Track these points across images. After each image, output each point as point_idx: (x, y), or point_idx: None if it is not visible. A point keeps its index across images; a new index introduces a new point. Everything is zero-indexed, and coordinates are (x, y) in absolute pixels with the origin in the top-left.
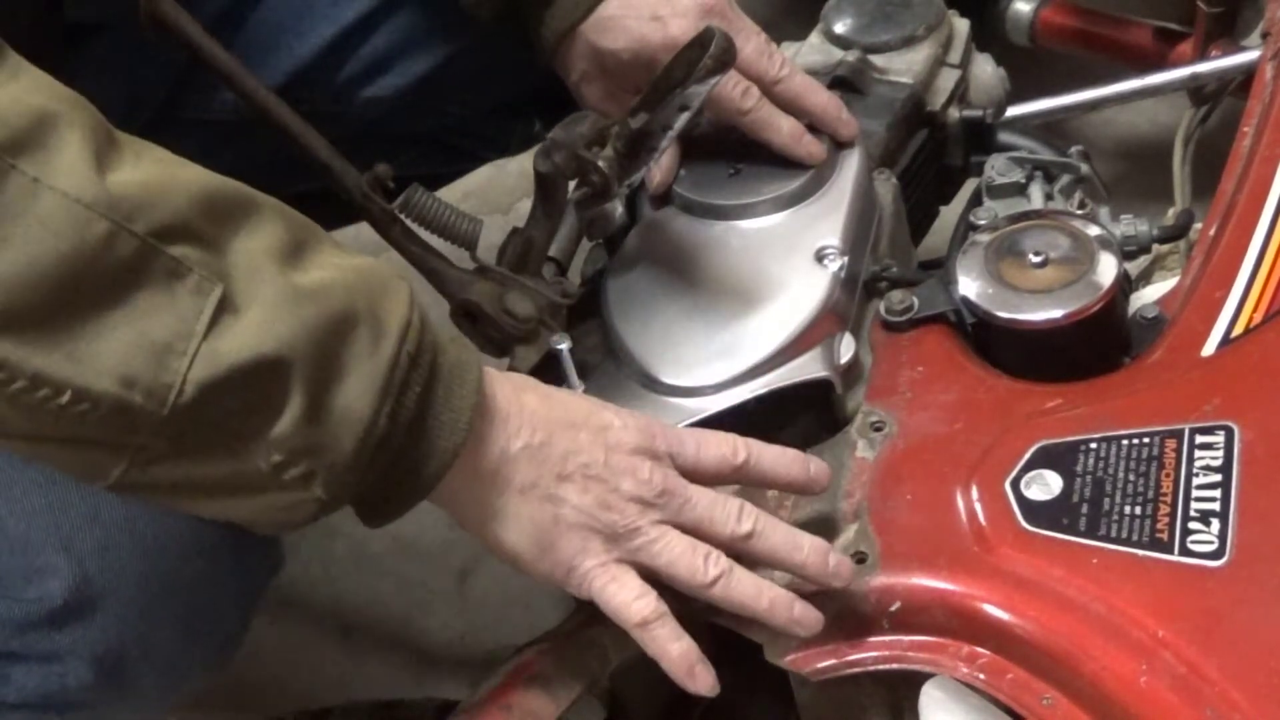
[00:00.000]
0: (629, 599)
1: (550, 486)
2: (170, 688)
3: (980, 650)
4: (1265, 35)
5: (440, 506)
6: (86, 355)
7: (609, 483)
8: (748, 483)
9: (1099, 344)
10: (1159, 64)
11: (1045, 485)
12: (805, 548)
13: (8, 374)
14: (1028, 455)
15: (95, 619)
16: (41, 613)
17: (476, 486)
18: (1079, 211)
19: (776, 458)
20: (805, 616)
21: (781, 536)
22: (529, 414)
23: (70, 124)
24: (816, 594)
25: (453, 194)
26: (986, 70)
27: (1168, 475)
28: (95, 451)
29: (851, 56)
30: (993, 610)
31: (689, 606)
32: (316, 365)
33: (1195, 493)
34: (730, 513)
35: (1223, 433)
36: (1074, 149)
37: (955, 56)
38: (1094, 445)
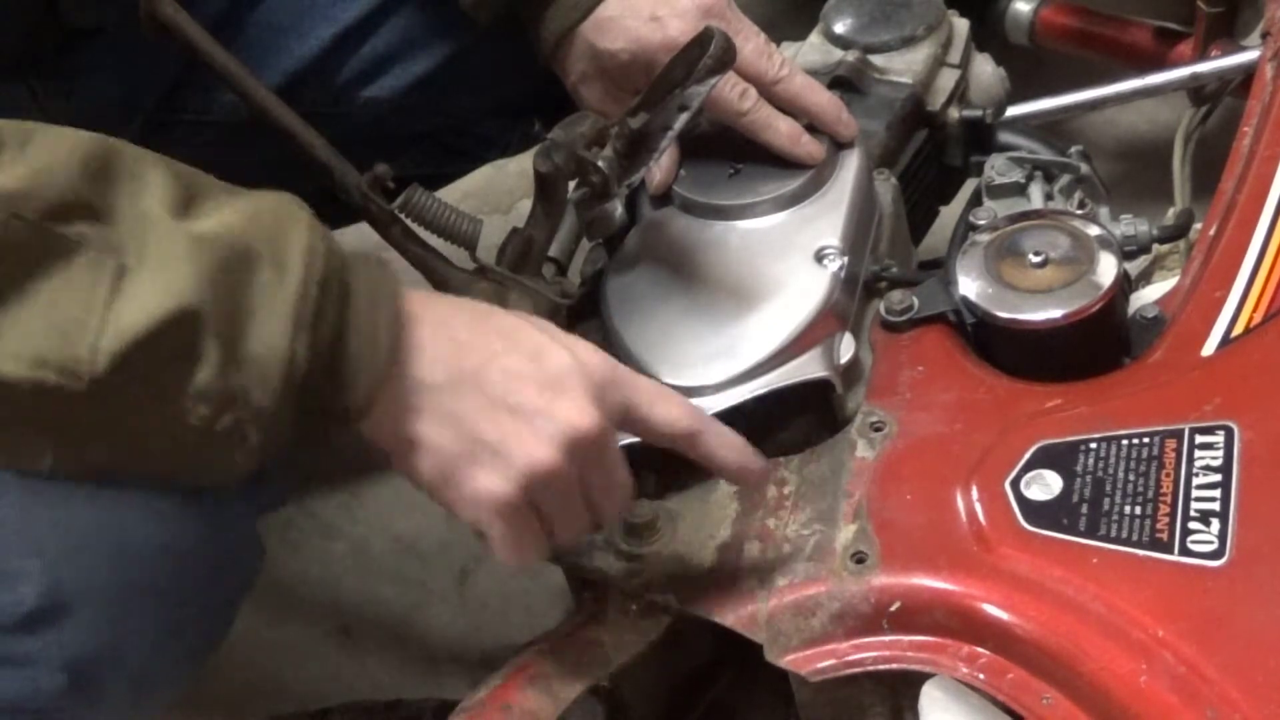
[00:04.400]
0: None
1: (473, 421)
2: (145, 694)
3: (980, 650)
4: (1265, 35)
5: (374, 441)
6: None
7: (535, 425)
8: (687, 454)
9: (1099, 344)
10: (1159, 64)
11: (1045, 485)
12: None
13: None
14: (1028, 455)
15: (67, 624)
16: (12, 618)
17: (399, 415)
18: (1079, 211)
19: (722, 437)
20: None
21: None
22: (459, 339)
23: None
24: (818, 593)
25: (453, 194)
26: (986, 70)
27: (1168, 475)
28: (24, 434)
29: (851, 56)
30: (993, 610)
31: (688, 608)
32: (223, 311)
33: (1195, 493)
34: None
35: (1223, 433)
36: (1074, 149)
37: (955, 56)
38: (1094, 445)
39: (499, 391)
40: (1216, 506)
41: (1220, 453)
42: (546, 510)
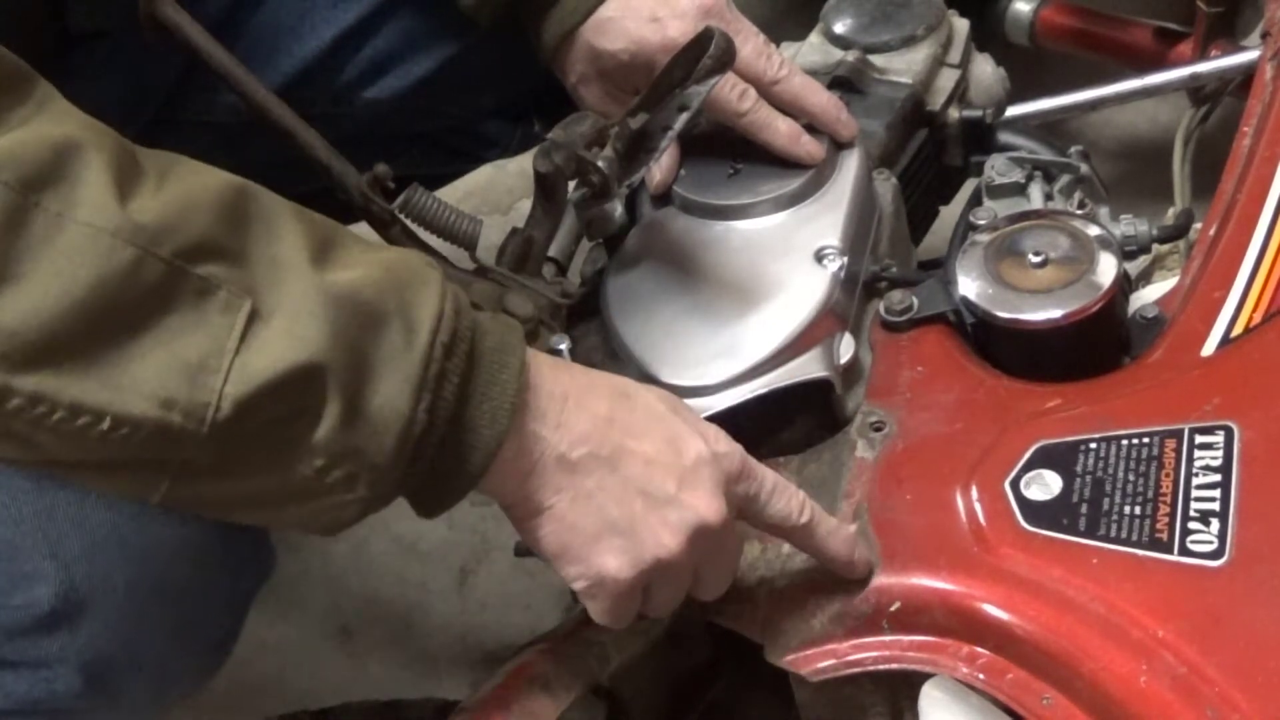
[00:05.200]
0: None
1: (607, 503)
2: (160, 693)
3: (980, 650)
4: (1265, 35)
5: (492, 498)
6: (122, 381)
7: (667, 515)
8: (795, 544)
9: (1099, 344)
10: (1159, 64)
11: (1045, 485)
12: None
13: (48, 406)
14: (1027, 455)
15: (83, 626)
16: (29, 619)
17: (527, 482)
18: (1079, 211)
19: (833, 532)
20: None
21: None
22: (599, 415)
23: (92, 152)
24: (815, 595)
25: (453, 194)
26: (986, 70)
27: (1167, 475)
28: (141, 472)
29: (851, 56)
30: (992, 610)
31: (688, 608)
32: (349, 367)
33: (1195, 493)
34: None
35: (1222, 433)
36: (1074, 149)
37: (955, 56)
38: (1094, 445)
39: (636, 477)
40: (1216, 506)
41: (1220, 453)
42: (655, 589)
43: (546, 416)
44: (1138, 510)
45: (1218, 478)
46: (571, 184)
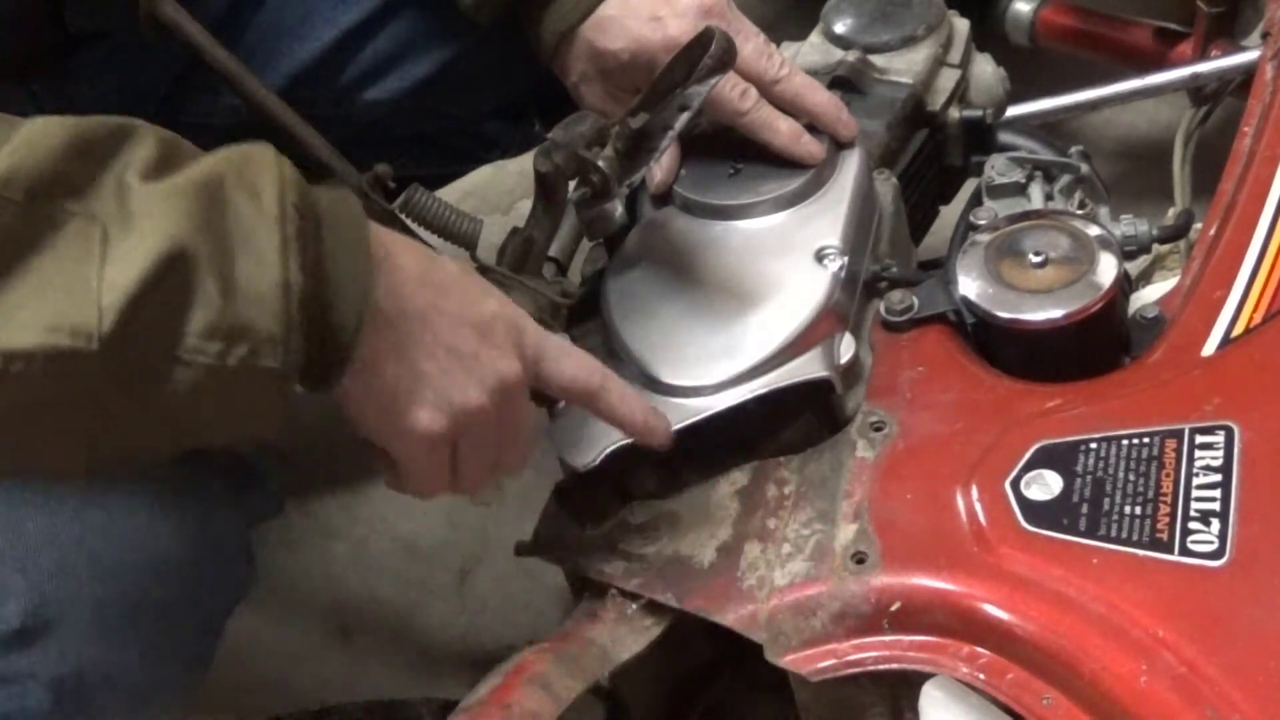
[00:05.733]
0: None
1: (420, 358)
2: (134, 710)
3: (980, 650)
4: (1265, 35)
5: (361, 376)
6: (4, 321)
7: (471, 369)
8: (591, 409)
9: (1099, 344)
10: (1159, 64)
11: (1045, 485)
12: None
13: None
14: (1028, 455)
15: (52, 642)
16: None
17: (380, 331)
18: (1079, 211)
19: (626, 396)
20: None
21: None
22: (410, 273)
23: None
24: (818, 593)
25: (453, 194)
26: (986, 70)
27: (1168, 475)
28: (60, 418)
29: (851, 56)
30: (993, 610)
31: (688, 608)
32: (210, 244)
33: (1195, 493)
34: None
35: (1223, 433)
36: (1074, 149)
37: (955, 56)
38: (1094, 445)
39: (444, 334)
40: (1216, 506)
41: (1220, 453)
42: (462, 451)
43: (378, 270)
44: (1138, 510)
45: (1218, 478)
46: (571, 184)
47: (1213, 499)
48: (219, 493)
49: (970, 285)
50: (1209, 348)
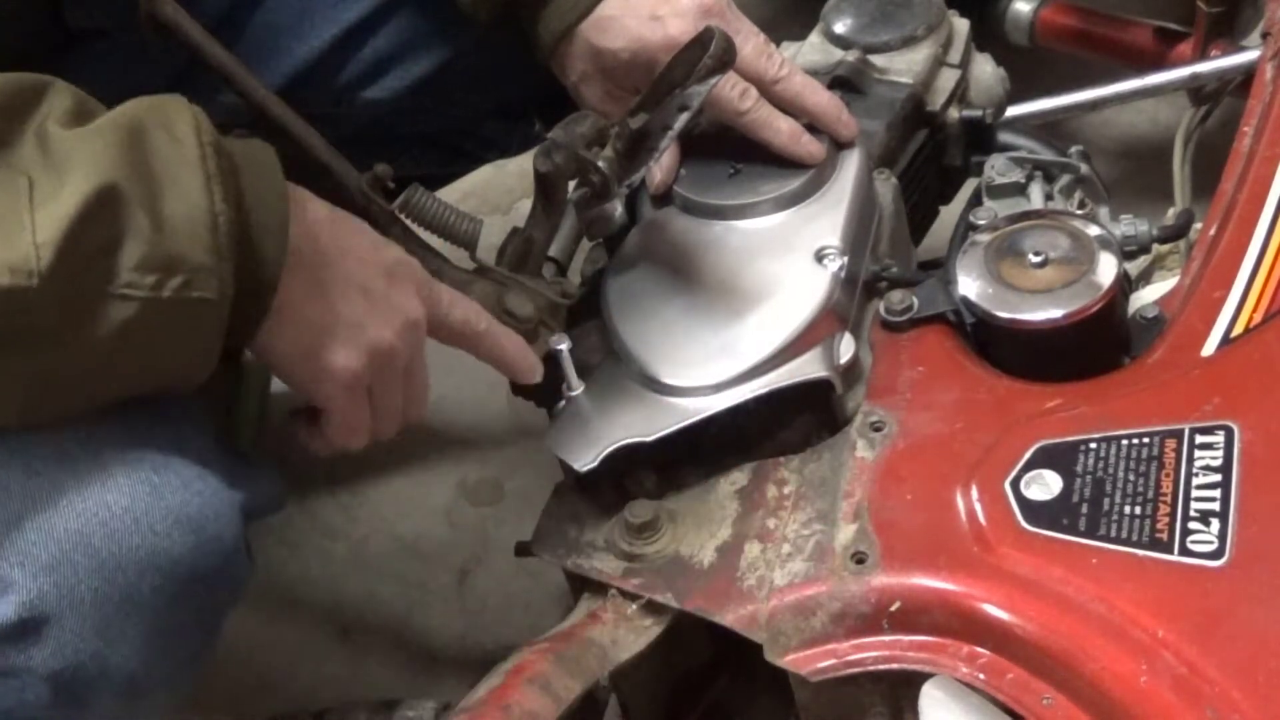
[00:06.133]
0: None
1: (335, 299)
2: (132, 705)
3: (980, 650)
4: (1265, 35)
5: (283, 318)
6: None
7: (381, 310)
8: (475, 352)
9: (1099, 344)
10: (1159, 64)
11: (1045, 485)
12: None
13: None
14: (1028, 455)
15: (50, 637)
16: None
17: (299, 274)
18: (1079, 211)
19: (507, 336)
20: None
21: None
22: (320, 217)
23: None
24: (818, 593)
25: (453, 194)
26: (986, 70)
27: (1167, 475)
28: None
29: (851, 56)
30: (993, 610)
31: (688, 608)
32: (137, 180)
33: (1195, 493)
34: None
35: (1223, 433)
36: (1074, 149)
37: (955, 56)
38: (1094, 445)
39: (355, 274)
40: (1216, 506)
41: (1220, 453)
42: (376, 393)
43: (293, 215)
44: (1138, 510)
45: (1218, 478)
46: (571, 184)
47: (1212, 499)
48: (217, 488)
49: (970, 285)
50: (1209, 348)
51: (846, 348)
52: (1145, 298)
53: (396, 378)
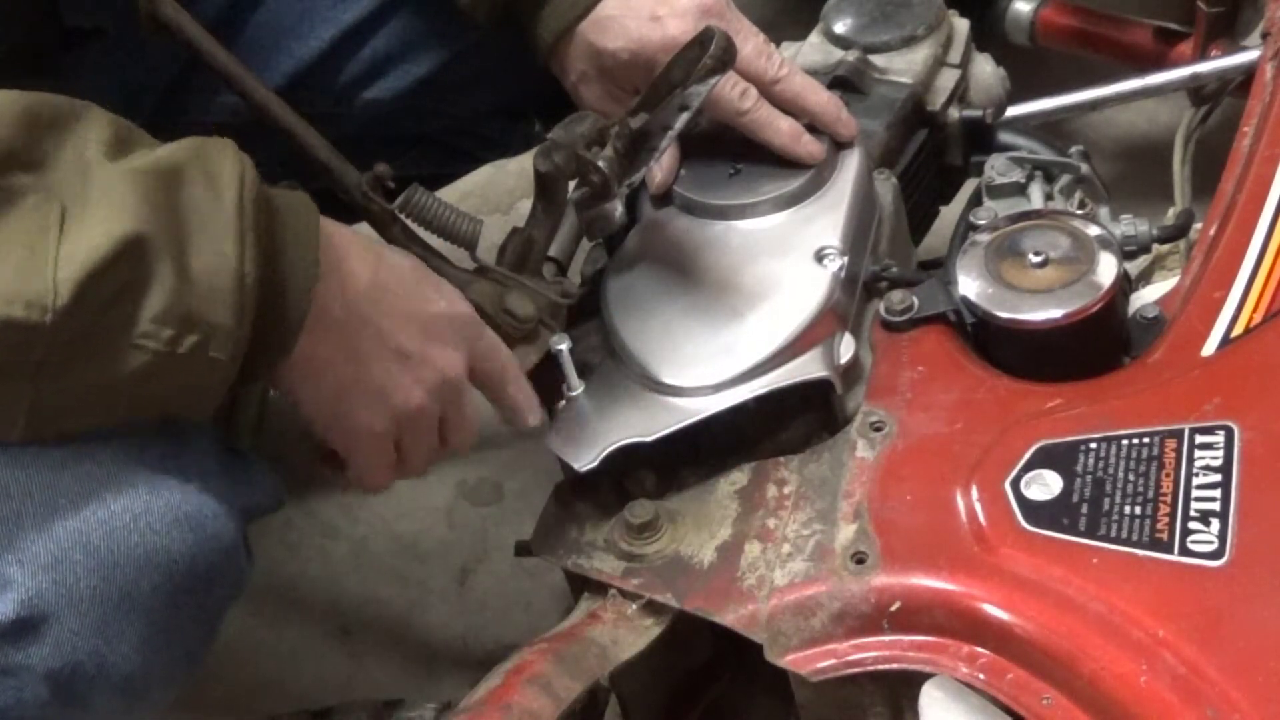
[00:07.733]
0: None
1: (366, 359)
2: (130, 704)
3: (980, 650)
4: (1265, 35)
5: (308, 374)
6: None
7: (414, 370)
8: (492, 397)
9: (1099, 344)
10: (1159, 64)
11: (1045, 485)
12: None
13: None
14: (1028, 455)
15: (48, 635)
16: None
17: (309, 333)
18: (1079, 211)
19: (524, 396)
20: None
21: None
22: (358, 273)
23: None
24: (818, 593)
25: (453, 194)
26: (986, 70)
27: (1168, 475)
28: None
29: (851, 56)
30: (993, 610)
31: (688, 608)
32: (167, 230)
33: (1195, 493)
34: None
35: (1223, 433)
36: (1074, 149)
37: (955, 56)
38: (1094, 445)
39: (390, 334)
40: (1216, 506)
41: (1220, 453)
42: (405, 443)
43: (330, 273)
44: (1138, 510)
45: (1218, 478)
46: (571, 184)
47: (1212, 499)
48: (216, 487)
49: (970, 285)
50: (1209, 348)
51: (846, 348)
52: (1145, 298)
53: (426, 432)
